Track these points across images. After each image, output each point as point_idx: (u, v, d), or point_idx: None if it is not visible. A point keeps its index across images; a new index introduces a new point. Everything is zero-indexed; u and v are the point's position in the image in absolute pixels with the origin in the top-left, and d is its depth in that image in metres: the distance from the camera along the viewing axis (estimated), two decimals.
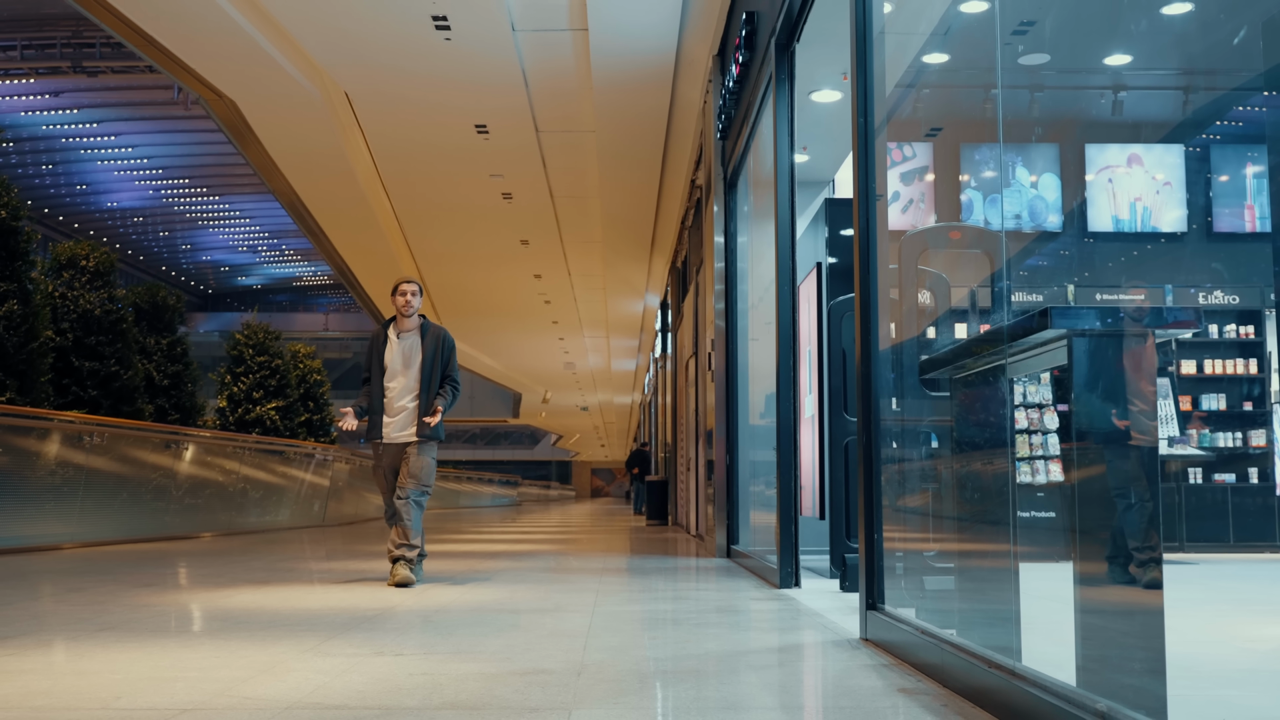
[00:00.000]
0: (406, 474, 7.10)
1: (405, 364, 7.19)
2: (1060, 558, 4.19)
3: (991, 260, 4.79)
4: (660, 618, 5.46)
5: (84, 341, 14.63)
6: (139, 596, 6.32)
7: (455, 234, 18.95)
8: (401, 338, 7.24)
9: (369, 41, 11.38)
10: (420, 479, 7.12)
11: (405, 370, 7.19)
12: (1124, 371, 2.70)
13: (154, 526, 13.18)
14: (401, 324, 7.27)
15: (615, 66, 11.33)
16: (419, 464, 7.11)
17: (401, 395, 7.17)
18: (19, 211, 12.14)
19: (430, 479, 7.19)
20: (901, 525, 4.64)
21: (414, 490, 7.10)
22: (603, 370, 37.37)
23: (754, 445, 9.48)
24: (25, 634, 4.67)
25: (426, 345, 7.22)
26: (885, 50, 4.79)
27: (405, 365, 7.19)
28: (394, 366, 7.19)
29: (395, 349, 7.22)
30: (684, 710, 3.11)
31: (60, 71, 34.74)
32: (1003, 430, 3.72)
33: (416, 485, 7.11)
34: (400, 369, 7.19)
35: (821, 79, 8.04)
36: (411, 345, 7.22)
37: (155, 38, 11.48)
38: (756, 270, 9.37)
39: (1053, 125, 8.77)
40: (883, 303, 4.65)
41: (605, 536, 14.86)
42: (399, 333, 7.26)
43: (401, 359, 7.20)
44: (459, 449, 70.61)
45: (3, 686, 3.41)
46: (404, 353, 7.20)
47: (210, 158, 41.55)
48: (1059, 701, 2.57)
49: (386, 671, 3.70)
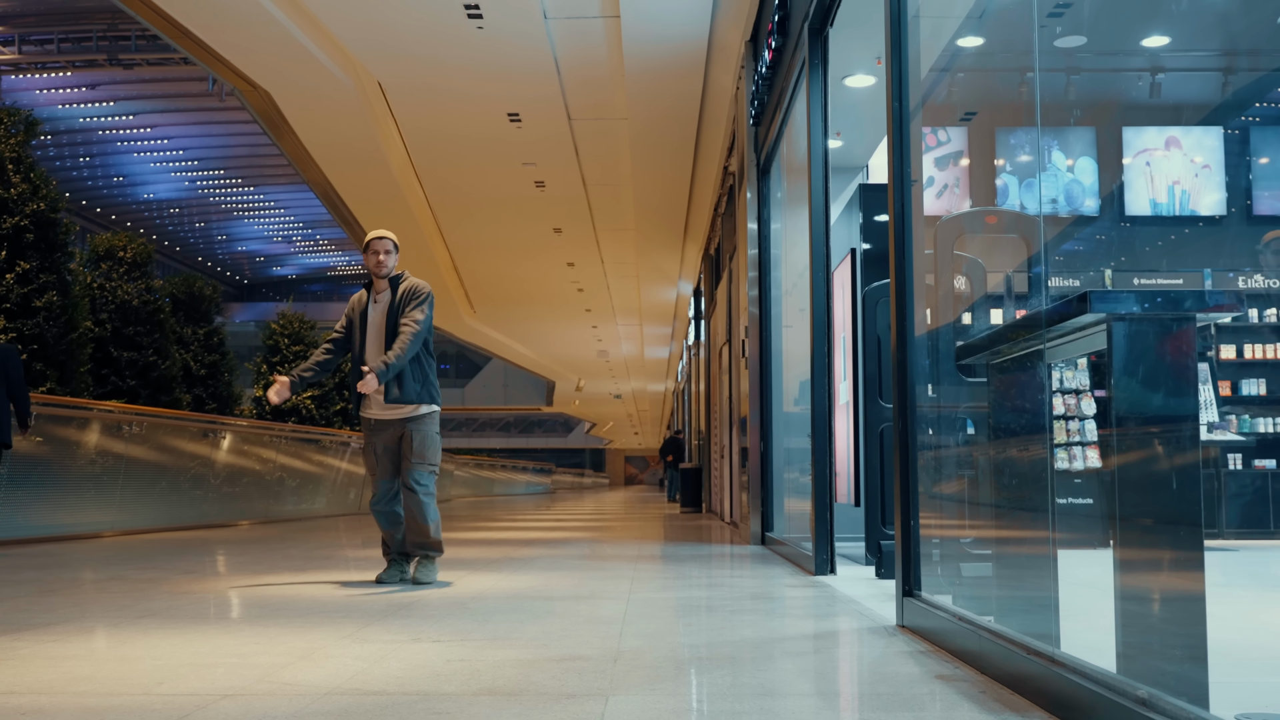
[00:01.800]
0: (410, 454, 6.24)
1: (381, 328, 6.31)
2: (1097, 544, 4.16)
3: (1028, 245, 4.75)
4: (695, 604, 5.47)
5: (122, 332, 14.80)
6: (179, 584, 6.38)
7: (488, 223, 18.99)
8: (377, 301, 6.39)
9: (402, 31, 11.40)
10: (426, 458, 6.28)
11: (380, 335, 6.31)
12: (1164, 356, 2.67)
13: (192, 515, 13.32)
14: (378, 285, 6.41)
15: (647, 53, 11.31)
16: (420, 440, 6.26)
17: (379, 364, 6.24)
18: (57, 204, 12.27)
19: (437, 455, 6.36)
20: (937, 512, 4.62)
21: (421, 473, 6.26)
22: (636, 358, 37.39)
23: (788, 432, 9.46)
24: (68, 620, 4.72)
25: (397, 303, 6.32)
26: (920, 34, 4.75)
27: (381, 329, 6.31)
28: (370, 332, 6.34)
29: (372, 313, 6.38)
30: (720, 696, 3.12)
31: (97, 65, 35.03)
32: (1041, 416, 3.69)
33: (424, 466, 6.27)
34: (375, 334, 6.32)
35: (855, 63, 7.99)
36: (384, 306, 6.36)
37: (190, 30, 11.56)
38: (790, 257, 9.34)
39: (1089, 108, 8.69)
40: (918, 288, 4.62)
41: (639, 524, 14.88)
42: (374, 295, 6.41)
43: (377, 323, 6.34)
44: (493, 437, 70.88)
45: (47, 672, 3.45)
46: (376, 318, 6.35)
47: (245, 149, 41.84)
48: (1099, 688, 2.55)
49: (424, 658, 3.72)
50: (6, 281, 11.50)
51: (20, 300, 11.56)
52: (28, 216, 11.77)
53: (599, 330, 31.41)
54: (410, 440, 6.26)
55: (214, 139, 41.84)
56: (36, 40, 34.46)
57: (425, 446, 6.28)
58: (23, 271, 11.62)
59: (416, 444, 6.26)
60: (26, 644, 4.02)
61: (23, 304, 11.59)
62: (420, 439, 6.26)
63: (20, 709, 2.93)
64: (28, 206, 11.81)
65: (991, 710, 2.91)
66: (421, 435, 6.27)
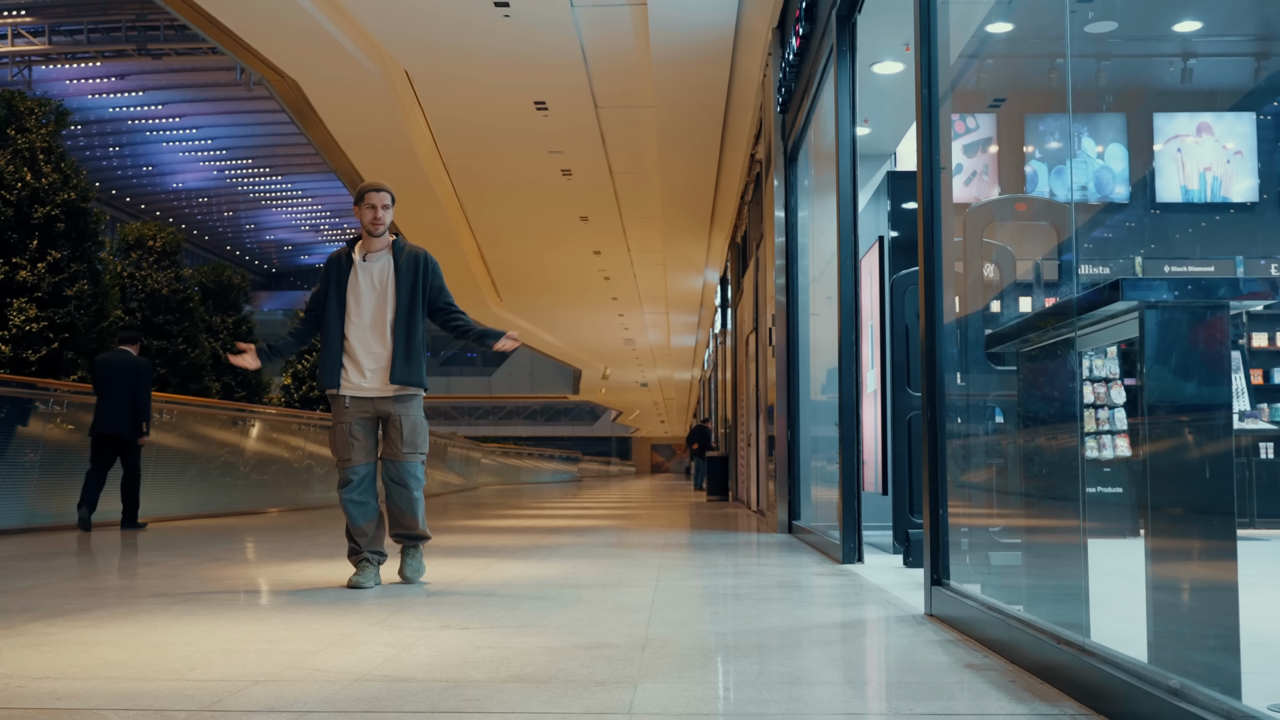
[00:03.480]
0: (399, 442, 5.62)
1: (376, 296, 5.66)
2: (1126, 533, 4.14)
3: (1058, 232, 4.72)
4: (723, 593, 5.47)
5: (152, 320, 14.92)
6: (210, 570, 6.43)
7: (515, 211, 19.01)
8: (368, 260, 5.70)
9: (429, 20, 11.42)
10: (418, 446, 5.69)
11: (375, 303, 5.65)
12: (1197, 344, 2.65)
13: (222, 502, 13.42)
14: (368, 244, 5.72)
15: (674, 41, 11.28)
16: (410, 426, 5.64)
17: (373, 336, 5.65)
18: (88, 193, 12.38)
19: (427, 442, 5.79)
20: (966, 501, 4.61)
21: (414, 464, 5.69)
22: (662, 346, 37.38)
23: (815, 421, 9.44)
24: (101, 607, 4.77)
25: (403, 270, 5.68)
26: (949, 20, 4.72)
27: (377, 297, 5.66)
28: (362, 299, 5.66)
29: (362, 277, 5.68)
30: (749, 684, 3.12)
31: (126, 55, 35.28)
32: (1071, 404, 3.67)
33: (416, 456, 5.69)
34: (370, 302, 5.65)
35: (883, 50, 7.95)
36: (383, 271, 5.68)
37: (219, 19, 11.61)
38: (817, 245, 9.31)
39: (1120, 94, 8.62)
40: (947, 276, 4.60)
41: (666, 512, 14.90)
42: (365, 255, 5.72)
43: (370, 289, 5.66)
44: (519, 425, 71.09)
45: (81, 657, 3.49)
46: (374, 281, 5.67)
47: (273, 138, 42.07)
48: (1130, 678, 2.54)
49: (453, 645, 3.74)
50: (38, 270, 11.60)
51: (52, 289, 11.67)
52: (59, 206, 11.87)
53: (625, 318, 31.42)
54: (399, 425, 5.61)
55: (242, 128, 42.08)
56: (66, 31, 34.71)
57: (416, 433, 5.67)
58: (54, 260, 11.72)
59: (407, 430, 5.63)
60: (60, 629, 4.06)
61: (54, 292, 11.69)
62: (410, 424, 5.64)
63: (55, 694, 2.96)
64: (59, 196, 11.91)
65: (1021, 700, 2.90)
66: (411, 420, 5.65)
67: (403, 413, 5.62)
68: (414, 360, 5.65)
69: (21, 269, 11.54)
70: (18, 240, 11.65)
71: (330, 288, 5.71)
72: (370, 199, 5.66)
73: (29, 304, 11.48)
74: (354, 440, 5.59)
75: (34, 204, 11.74)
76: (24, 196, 11.69)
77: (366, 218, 5.66)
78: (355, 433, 5.60)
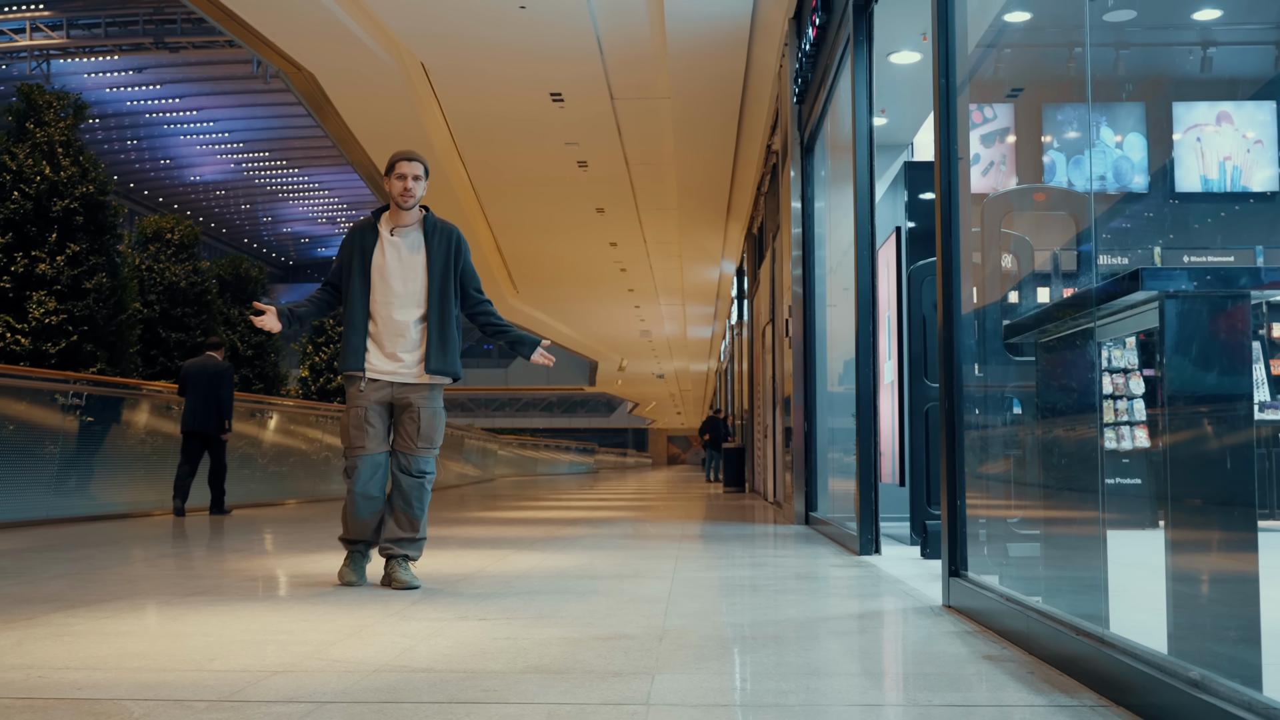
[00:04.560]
0: (414, 435, 5.22)
1: (405, 272, 5.24)
2: (1145, 524, 4.12)
3: (1077, 222, 4.71)
4: (740, 584, 5.47)
5: (170, 313, 14.97)
6: (228, 561, 6.46)
7: (531, 203, 19.02)
8: (396, 235, 5.27)
9: (446, 13, 11.42)
10: (434, 440, 5.28)
11: (405, 281, 5.24)
12: (1217, 334, 2.63)
13: (240, 493, 13.45)
14: (397, 217, 5.28)
15: (690, 32, 11.26)
16: (429, 419, 5.25)
17: (400, 316, 5.22)
18: (106, 187, 12.42)
19: (441, 435, 5.36)
20: (983, 492, 4.59)
21: (429, 460, 5.29)
22: (678, 338, 37.37)
23: (832, 412, 9.43)
24: (121, 598, 4.79)
25: (434, 247, 5.27)
26: (967, 9, 4.70)
27: (405, 274, 5.24)
28: (389, 275, 5.23)
29: (389, 252, 5.25)
30: (766, 676, 3.12)
31: (143, 48, 35.42)
32: (1090, 395, 3.65)
33: (431, 451, 5.29)
34: (399, 279, 5.23)
35: (899, 40, 7.92)
36: (413, 247, 5.27)
37: (235, 12, 11.64)
38: (834, 236, 9.29)
39: (1139, 84, 8.57)
40: (964, 267, 4.58)
41: (682, 503, 14.90)
42: (393, 229, 5.29)
43: (399, 265, 5.24)
44: (536, 417, 71.21)
45: (102, 648, 3.51)
46: (402, 257, 5.25)
47: (289, 131, 42.18)
48: (1150, 669, 2.53)
49: (471, 636, 3.74)
50: (57, 264, 11.65)
51: (70, 282, 11.72)
52: (77, 199, 11.92)
53: (641, 310, 31.41)
54: (417, 416, 5.22)
55: (259, 121, 42.21)
56: (84, 25, 34.87)
57: (433, 427, 5.27)
58: (73, 254, 11.77)
59: (424, 422, 5.23)
60: (81, 620, 4.08)
61: (73, 285, 11.75)
62: (429, 415, 5.24)
63: (76, 684, 2.98)
64: (77, 189, 11.96)
65: (1040, 691, 2.89)
66: (430, 410, 5.25)
67: (424, 403, 5.22)
68: (449, 347, 5.27)
69: (41, 262, 11.59)
70: (37, 233, 11.71)
71: (354, 262, 5.28)
72: (401, 168, 5.22)
73: (48, 297, 11.54)
74: (369, 427, 5.17)
75: (53, 197, 11.79)
76: (43, 190, 11.75)
77: (396, 189, 5.22)
78: (370, 419, 5.17)
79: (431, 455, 5.28)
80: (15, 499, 9.90)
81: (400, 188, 5.20)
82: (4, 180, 11.73)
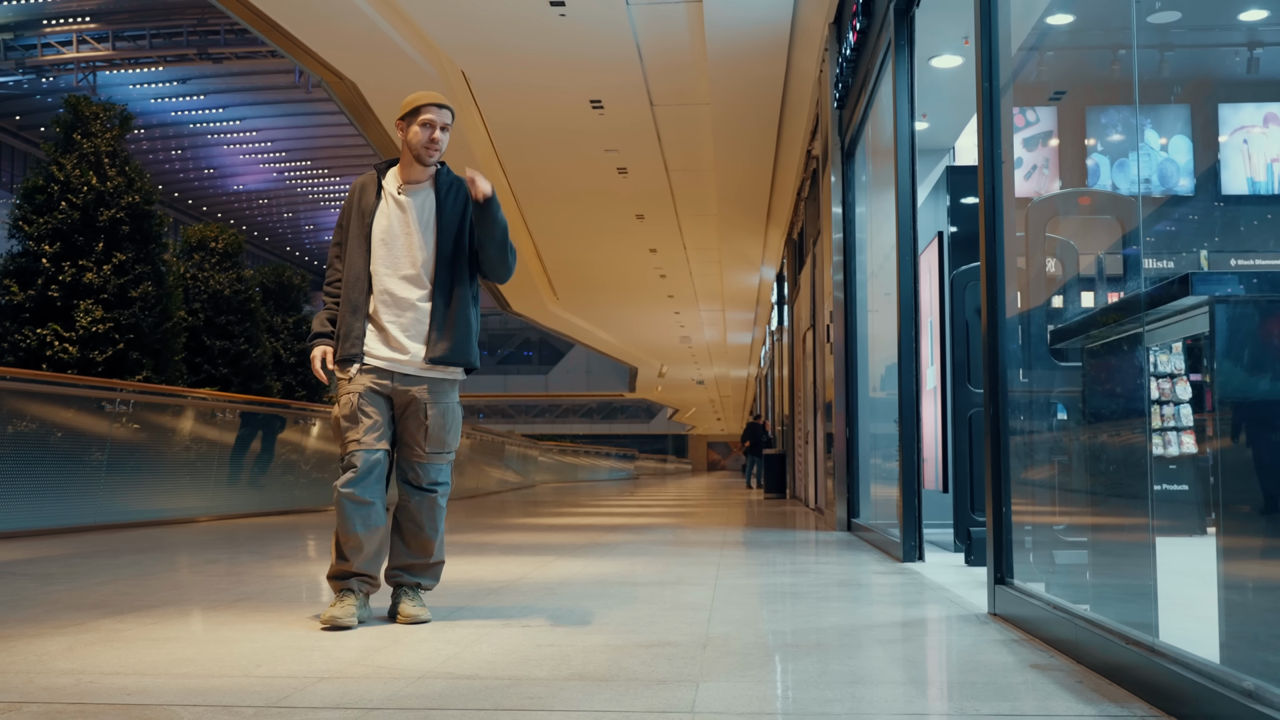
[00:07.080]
0: (419, 440, 4.24)
1: (413, 238, 4.25)
2: (1193, 531, 4.07)
3: (1123, 226, 4.66)
4: (782, 591, 5.45)
5: (214, 321, 15.10)
6: (272, 568, 6.51)
7: (571, 210, 19.06)
8: (404, 193, 4.29)
9: (486, 21, 11.48)
10: (447, 444, 4.30)
11: (411, 249, 4.25)
12: (1269, 338, 2.60)
13: (284, 500, 13.57)
14: (409, 172, 4.30)
15: (730, 38, 11.26)
16: (438, 418, 4.25)
17: (404, 292, 4.24)
18: (151, 196, 12.55)
19: (457, 438, 4.35)
20: (1029, 498, 4.55)
21: (442, 468, 4.31)
22: (718, 344, 37.32)
23: (874, 418, 9.38)
24: (168, 604, 4.84)
25: (447, 207, 4.30)
26: (1010, 12, 4.67)
27: (412, 240, 4.25)
28: (393, 243, 4.26)
29: (394, 213, 4.28)
30: (810, 684, 3.10)
31: (187, 59, 35.82)
32: (1138, 401, 3.61)
33: (444, 458, 4.31)
34: (402, 248, 4.25)
35: (941, 44, 7.88)
36: (424, 208, 4.29)
37: (278, 23, 11.75)
38: (875, 241, 9.25)
39: (1184, 85, 8.48)
40: (1008, 271, 4.55)
41: (723, 509, 14.87)
42: (401, 186, 4.31)
43: (404, 231, 4.26)
44: (576, 423, 71.30)
45: (150, 654, 3.54)
46: (410, 220, 4.27)
47: (331, 139, 42.49)
48: (1201, 679, 2.50)
49: (515, 642, 3.75)
50: (104, 272, 11.79)
51: (117, 290, 11.85)
52: (123, 209, 12.05)
53: (681, 316, 31.40)
54: (425, 415, 4.23)
55: (301, 130, 42.56)
56: (129, 36, 35.32)
57: (446, 428, 4.29)
58: (119, 263, 11.90)
59: (434, 423, 4.25)
60: (130, 626, 4.12)
61: (119, 294, 11.87)
62: (440, 414, 4.26)
63: (126, 689, 3.01)
64: (123, 199, 12.09)
65: (1089, 700, 2.86)
66: (442, 408, 4.27)
67: (432, 400, 4.24)
68: (459, 329, 4.25)
69: (88, 271, 11.73)
70: (84, 243, 11.85)
71: (351, 226, 4.33)
72: (428, 114, 4.25)
73: (95, 305, 11.67)
74: (364, 416, 4.17)
75: (99, 207, 11.93)
76: (90, 200, 11.89)
77: (420, 138, 4.24)
78: (365, 407, 4.18)
79: (444, 462, 4.31)
80: (63, 505, 10.01)
81: (426, 137, 4.24)
82: (52, 190, 11.88)
